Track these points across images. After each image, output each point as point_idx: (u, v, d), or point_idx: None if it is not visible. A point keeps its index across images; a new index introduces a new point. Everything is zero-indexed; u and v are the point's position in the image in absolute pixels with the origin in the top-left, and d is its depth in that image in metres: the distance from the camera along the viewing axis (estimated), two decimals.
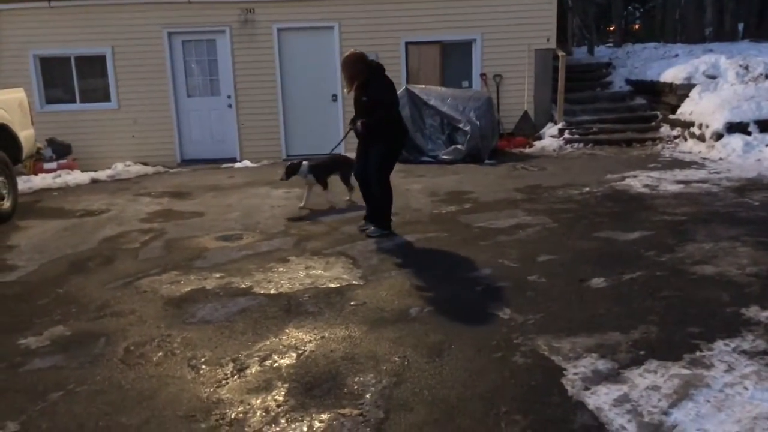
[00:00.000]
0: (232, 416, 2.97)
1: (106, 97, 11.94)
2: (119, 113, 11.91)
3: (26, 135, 8.34)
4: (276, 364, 3.46)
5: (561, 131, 11.71)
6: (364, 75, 5.75)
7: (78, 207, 8.02)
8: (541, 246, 5.48)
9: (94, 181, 10.16)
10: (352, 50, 5.93)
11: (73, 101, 11.98)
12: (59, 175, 10.18)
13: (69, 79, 11.92)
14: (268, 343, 3.75)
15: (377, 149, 5.82)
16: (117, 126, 11.88)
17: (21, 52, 11.60)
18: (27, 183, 9.53)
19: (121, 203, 8.16)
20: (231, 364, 3.49)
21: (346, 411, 2.96)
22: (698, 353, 3.36)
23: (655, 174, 8.48)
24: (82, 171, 10.59)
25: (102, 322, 4.20)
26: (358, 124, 5.81)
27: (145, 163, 11.41)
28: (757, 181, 7.77)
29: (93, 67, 11.88)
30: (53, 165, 10.64)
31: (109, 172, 10.68)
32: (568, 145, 11.35)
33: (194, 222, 6.98)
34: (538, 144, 11.58)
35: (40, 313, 4.40)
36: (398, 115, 5.99)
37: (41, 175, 10.15)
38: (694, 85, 11.18)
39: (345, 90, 5.99)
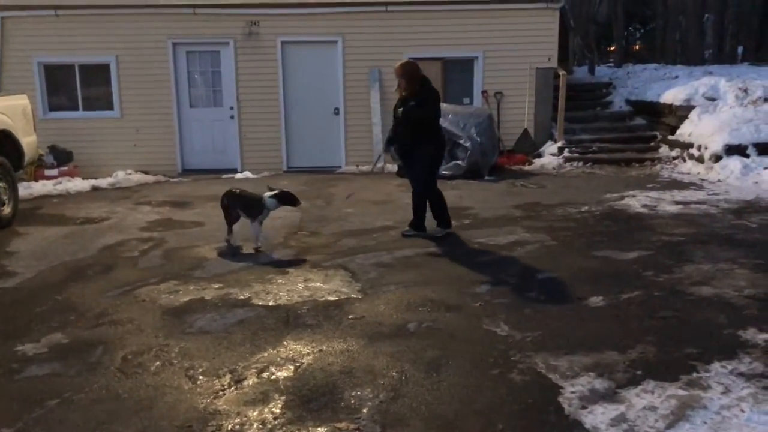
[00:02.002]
0: (229, 428, 2.97)
1: (109, 106, 11.99)
2: (122, 122, 11.95)
3: (28, 141, 8.36)
4: (273, 376, 3.46)
5: (561, 149, 11.76)
6: (419, 85, 6.20)
7: (78, 214, 8.03)
8: (539, 263, 5.50)
9: (95, 188, 10.18)
10: (409, 59, 6.54)
11: (76, 109, 12.02)
12: (60, 182, 10.21)
13: (72, 86, 11.97)
14: (265, 354, 3.75)
15: (421, 157, 6.26)
16: (119, 134, 11.91)
17: (25, 59, 11.66)
18: (27, 189, 9.54)
19: (122, 211, 8.17)
20: (228, 376, 3.49)
21: (343, 425, 2.96)
22: (695, 374, 3.37)
23: (653, 194, 8.51)
24: (83, 178, 10.61)
25: (100, 330, 4.20)
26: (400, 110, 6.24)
27: (146, 172, 11.45)
28: (755, 204, 7.80)
29: (97, 75, 11.94)
30: (54, 172, 10.66)
31: (110, 180, 10.70)
32: (567, 164, 11.40)
33: (194, 232, 6.99)
34: (537, 162, 11.63)
35: (38, 320, 4.40)
36: (439, 126, 6.54)
37: (42, 182, 10.17)
38: (693, 107, 11.26)
39: (397, 92, 6.47)
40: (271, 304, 4.60)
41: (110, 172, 11.15)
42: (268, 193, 6.12)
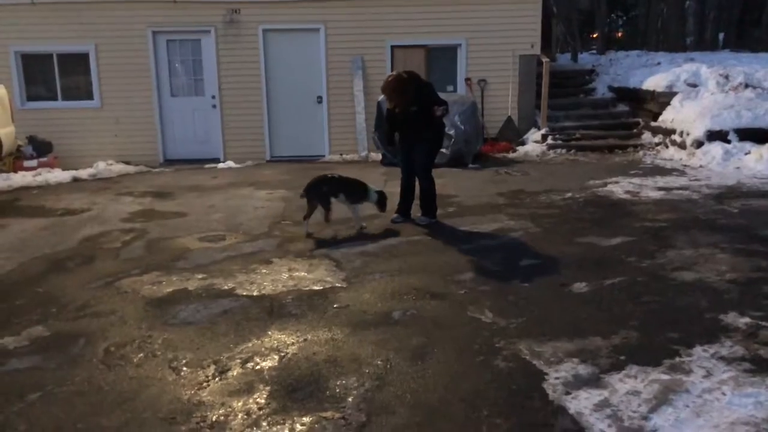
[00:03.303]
0: (213, 419, 2.95)
1: (89, 95, 11.83)
2: (102, 111, 11.80)
3: (6, 132, 8.26)
4: (258, 367, 3.45)
5: (544, 137, 11.79)
6: (413, 91, 6.21)
7: (58, 206, 7.93)
8: (523, 250, 5.51)
9: (76, 179, 10.05)
10: (397, 73, 6.49)
11: (55, 99, 11.86)
12: (40, 173, 10.07)
13: (51, 76, 11.80)
14: (250, 345, 3.73)
15: (424, 146, 6.37)
16: (99, 124, 11.77)
17: (2, 49, 11.46)
18: (6, 181, 9.42)
19: (103, 202, 8.08)
20: (212, 366, 3.46)
21: (328, 414, 2.95)
22: (677, 359, 3.40)
23: (636, 180, 8.56)
24: (63, 169, 10.49)
25: (82, 322, 4.16)
26: (442, 109, 6.19)
27: (127, 163, 11.33)
28: (736, 189, 7.88)
29: (76, 64, 11.77)
30: (34, 163, 10.52)
31: (90, 170, 10.57)
32: (551, 151, 11.43)
33: (176, 222, 6.93)
34: (521, 149, 11.65)
35: (19, 312, 4.34)
36: None
37: (21, 173, 10.03)
38: (675, 93, 11.31)
39: (390, 105, 6.42)
40: (255, 294, 4.57)
41: (91, 162, 11.02)
42: (373, 187, 6.42)
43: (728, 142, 9.62)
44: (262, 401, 3.09)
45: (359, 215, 6.36)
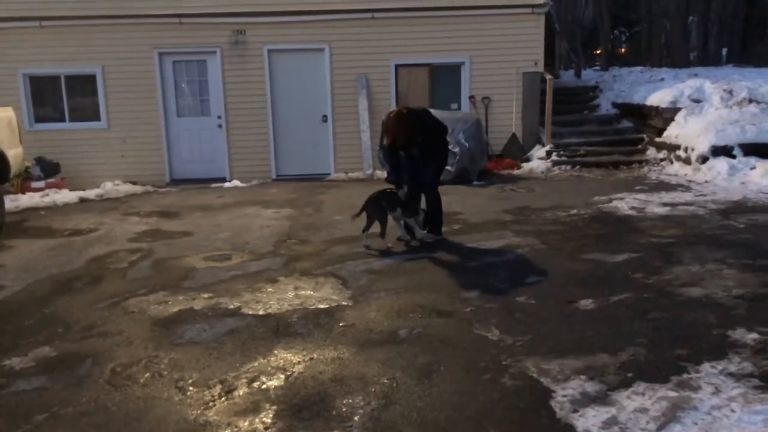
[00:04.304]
0: None
1: (96, 116, 11.94)
2: (109, 132, 11.90)
3: (14, 154, 8.31)
4: (264, 386, 3.44)
5: (549, 153, 11.81)
6: (414, 122, 6.34)
7: (66, 226, 7.97)
8: (529, 267, 5.51)
9: (83, 200, 10.10)
10: (399, 109, 6.62)
11: (63, 120, 11.97)
12: (47, 194, 10.13)
13: (58, 97, 11.92)
14: (256, 364, 3.73)
15: (432, 165, 6.51)
16: (106, 145, 11.86)
17: (10, 71, 11.59)
18: (14, 202, 9.46)
19: (110, 222, 8.12)
20: (219, 386, 3.46)
21: None
22: (685, 375, 3.38)
23: (641, 196, 8.56)
24: (71, 190, 10.54)
25: (88, 342, 4.16)
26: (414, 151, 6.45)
27: (134, 183, 11.39)
28: (742, 204, 7.86)
29: (83, 86, 11.89)
30: (41, 184, 10.59)
31: (97, 191, 10.63)
32: (555, 167, 11.45)
33: (183, 242, 6.95)
34: (526, 166, 11.67)
35: (26, 333, 4.35)
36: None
37: (29, 194, 10.09)
38: (679, 109, 11.34)
39: (388, 141, 6.45)
40: (261, 313, 4.58)
41: (98, 183, 11.09)
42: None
43: (733, 157, 9.62)
44: (269, 421, 3.08)
45: (419, 231, 6.51)
